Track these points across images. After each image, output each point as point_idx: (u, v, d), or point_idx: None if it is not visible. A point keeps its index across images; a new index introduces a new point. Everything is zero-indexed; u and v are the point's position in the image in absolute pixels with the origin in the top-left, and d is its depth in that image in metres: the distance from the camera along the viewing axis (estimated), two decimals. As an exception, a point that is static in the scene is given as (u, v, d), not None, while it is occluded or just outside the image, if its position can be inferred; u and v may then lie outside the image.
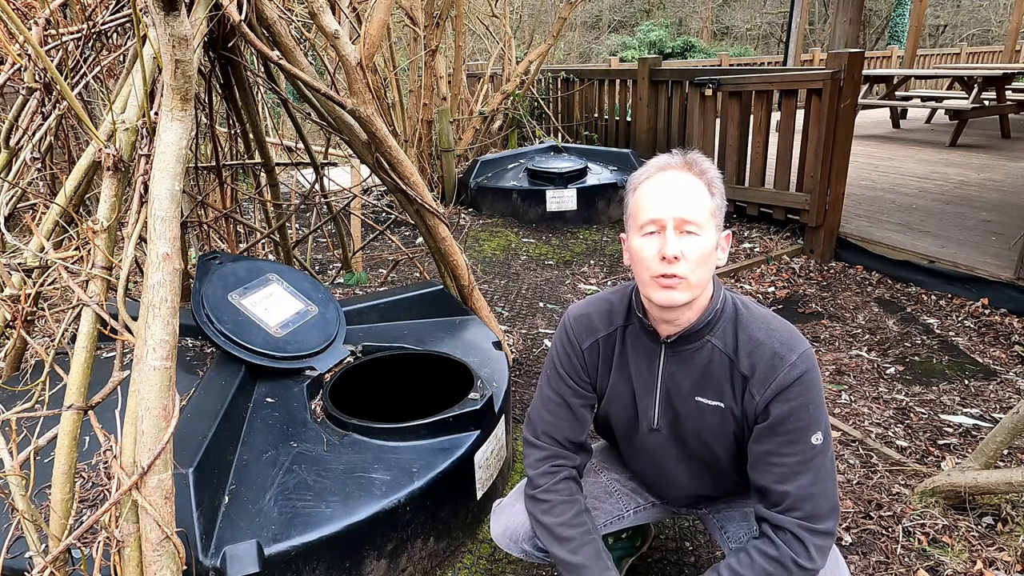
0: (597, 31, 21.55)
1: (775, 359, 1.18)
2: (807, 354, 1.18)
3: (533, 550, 1.47)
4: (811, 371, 1.17)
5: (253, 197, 3.43)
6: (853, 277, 3.96)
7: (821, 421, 1.17)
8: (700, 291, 1.19)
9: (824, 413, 1.19)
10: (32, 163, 1.82)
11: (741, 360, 1.21)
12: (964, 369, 2.88)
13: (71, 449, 1.34)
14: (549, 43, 6.59)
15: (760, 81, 4.35)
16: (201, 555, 1.41)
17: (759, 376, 1.19)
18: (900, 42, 14.57)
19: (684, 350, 1.26)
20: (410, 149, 5.97)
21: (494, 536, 1.54)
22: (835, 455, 2.30)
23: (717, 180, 1.20)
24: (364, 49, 2.21)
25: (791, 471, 1.17)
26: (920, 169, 5.87)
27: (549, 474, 1.37)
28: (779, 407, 1.17)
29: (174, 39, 1.35)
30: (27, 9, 2.07)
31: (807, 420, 1.16)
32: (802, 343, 1.20)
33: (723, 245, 1.21)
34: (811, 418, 1.16)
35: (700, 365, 1.25)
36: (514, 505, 1.49)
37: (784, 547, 1.15)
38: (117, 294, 1.45)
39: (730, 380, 1.23)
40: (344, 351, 2.18)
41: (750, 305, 1.28)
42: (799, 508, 1.15)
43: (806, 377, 1.16)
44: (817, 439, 1.16)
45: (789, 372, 1.16)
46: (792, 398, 1.16)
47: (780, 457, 1.18)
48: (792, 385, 1.16)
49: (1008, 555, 1.82)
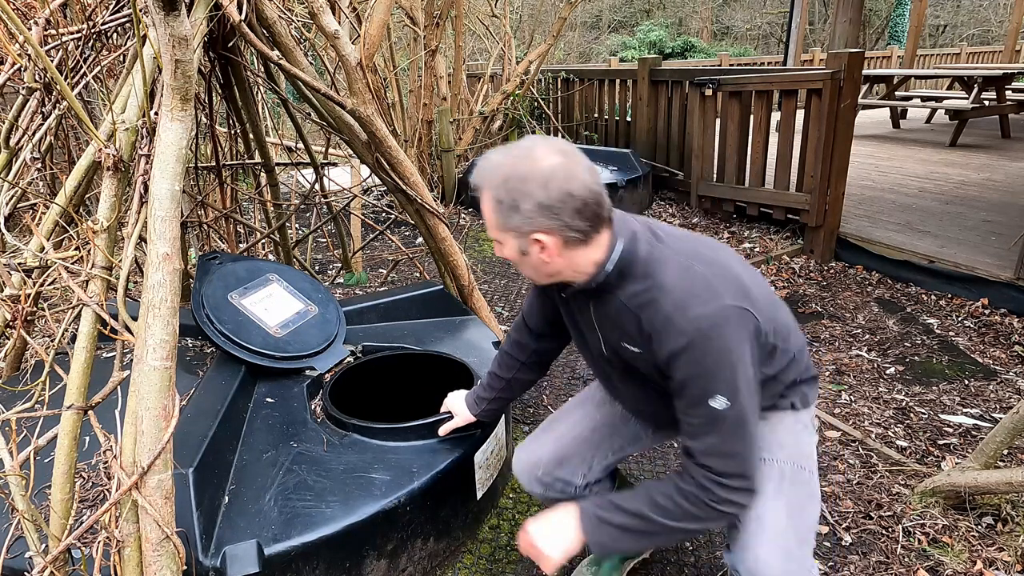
0: (597, 31, 21.55)
1: (667, 323, 1.14)
2: (702, 316, 1.11)
3: (552, 481, 1.57)
4: (702, 337, 1.10)
5: (253, 197, 3.43)
6: (853, 277, 3.96)
7: (722, 384, 1.11)
8: (552, 278, 1.22)
9: (730, 374, 1.11)
10: (32, 163, 1.82)
11: (643, 319, 1.18)
12: (964, 369, 2.88)
13: (71, 449, 1.34)
14: (549, 43, 6.59)
15: (760, 81, 4.35)
16: (201, 555, 1.41)
17: (656, 338, 1.17)
18: (900, 42, 14.57)
19: (599, 301, 1.26)
20: (410, 149, 5.97)
21: (515, 471, 1.63)
22: (835, 455, 2.31)
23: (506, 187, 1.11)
24: (364, 49, 2.21)
25: (697, 430, 1.16)
26: (920, 169, 5.87)
27: (506, 346, 1.66)
28: (676, 372, 1.15)
29: (174, 39, 1.35)
30: (27, 9, 2.07)
31: (703, 386, 1.12)
32: (702, 303, 1.12)
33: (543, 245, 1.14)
34: (707, 383, 1.12)
35: (614, 316, 1.25)
36: (538, 438, 1.62)
37: (694, 490, 1.17)
38: (117, 294, 1.45)
39: (640, 333, 1.21)
40: (344, 351, 2.18)
41: (669, 255, 1.19)
42: (707, 464, 1.16)
43: (696, 344, 1.10)
44: (717, 403, 1.12)
45: (678, 339, 1.12)
46: (683, 365, 1.13)
47: (687, 416, 1.18)
48: (682, 352, 1.12)
49: (1008, 555, 1.82)
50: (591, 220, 1.13)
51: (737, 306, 1.13)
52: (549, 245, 1.14)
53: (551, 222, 1.11)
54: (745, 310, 1.14)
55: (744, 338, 1.13)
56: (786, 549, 1.25)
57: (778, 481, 1.30)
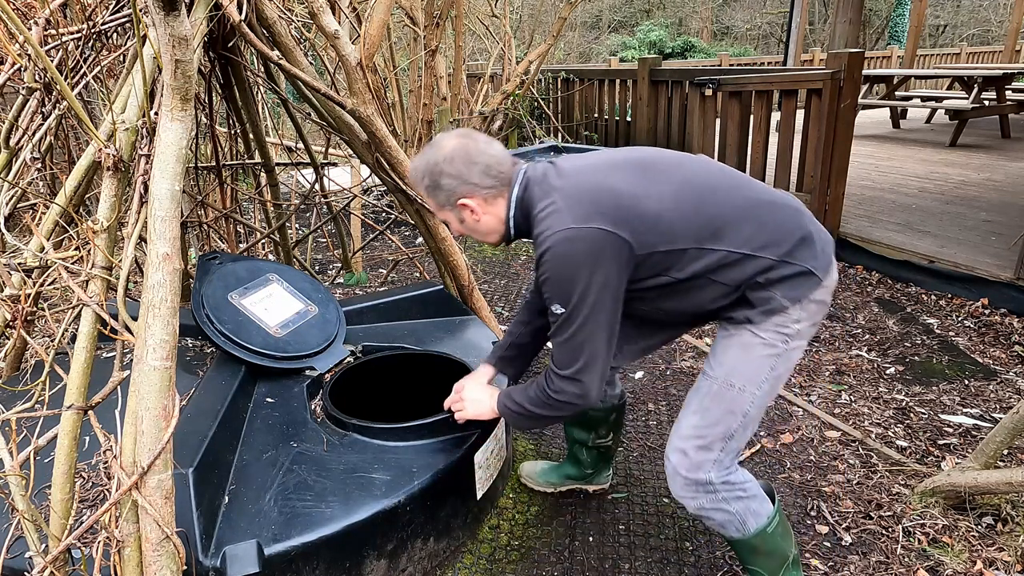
0: (597, 31, 21.54)
1: (536, 246, 1.38)
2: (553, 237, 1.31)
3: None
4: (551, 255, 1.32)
5: (253, 197, 3.43)
6: (853, 277, 3.96)
7: (563, 296, 1.33)
8: (494, 234, 1.50)
9: (571, 288, 1.32)
10: (32, 163, 1.82)
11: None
12: (964, 369, 2.88)
13: (71, 449, 1.34)
14: (549, 43, 6.59)
15: (760, 81, 4.35)
16: (201, 555, 1.41)
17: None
18: (900, 42, 14.57)
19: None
20: (410, 149, 5.97)
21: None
22: (835, 455, 2.31)
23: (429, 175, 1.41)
24: (364, 49, 2.21)
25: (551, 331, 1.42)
26: (920, 169, 5.87)
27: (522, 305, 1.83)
28: (537, 281, 1.40)
29: (174, 39, 1.35)
30: (27, 9, 2.07)
31: (547, 295, 1.37)
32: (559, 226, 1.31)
33: (470, 208, 1.43)
34: (551, 293, 1.35)
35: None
36: None
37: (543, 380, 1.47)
38: (117, 294, 1.45)
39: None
40: (344, 351, 2.18)
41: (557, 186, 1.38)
42: (552, 359, 1.43)
43: (545, 260, 1.33)
44: (557, 309, 1.36)
45: (538, 256, 1.36)
46: (539, 276, 1.37)
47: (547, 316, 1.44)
48: (538, 266, 1.37)
49: (1008, 555, 1.82)
50: (496, 177, 1.41)
51: (596, 228, 1.30)
52: (473, 206, 1.43)
53: (466, 187, 1.40)
54: (605, 232, 1.30)
55: (599, 257, 1.31)
56: (682, 450, 1.48)
57: (703, 395, 1.48)
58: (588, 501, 2.13)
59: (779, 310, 1.39)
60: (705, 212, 1.37)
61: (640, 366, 3.01)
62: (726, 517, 1.49)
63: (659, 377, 2.91)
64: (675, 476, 1.50)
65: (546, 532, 2.00)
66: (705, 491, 1.47)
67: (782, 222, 1.40)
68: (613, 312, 1.36)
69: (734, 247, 1.36)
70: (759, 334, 1.41)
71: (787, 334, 1.41)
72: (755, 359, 1.42)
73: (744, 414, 1.44)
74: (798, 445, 2.40)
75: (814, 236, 1.42)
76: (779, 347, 1.42)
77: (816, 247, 1.41)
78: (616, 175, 1.38)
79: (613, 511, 2.09)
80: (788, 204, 1.45)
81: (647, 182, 1.37)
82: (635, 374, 2.95)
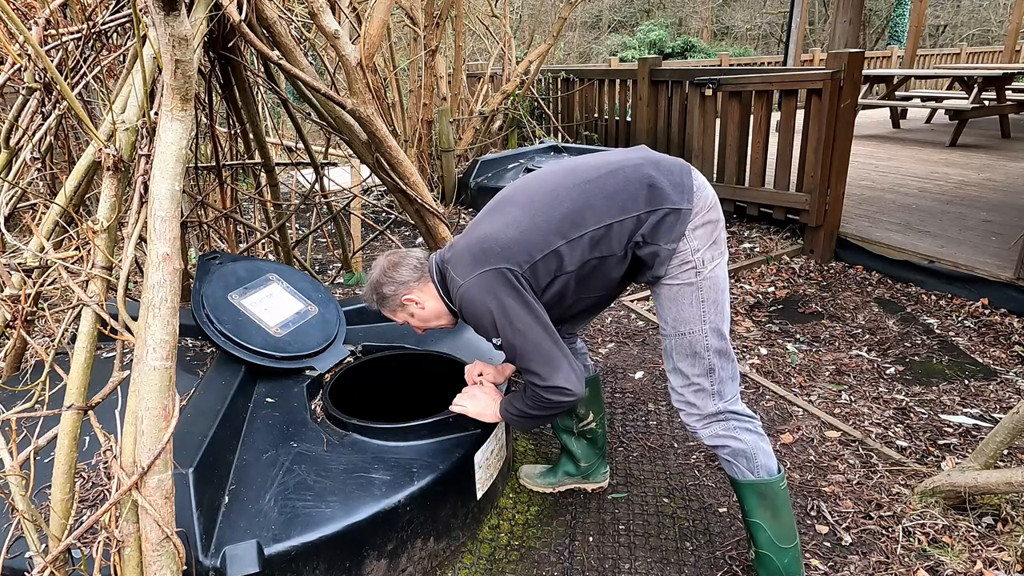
0: (597, 31, 21.54)
1: (455, 299, 1.61)
2: (461, 291, 1.55)
3: None
4: (463, 301, 1.55)
5: (253, 197, 3.43)
6: (853, 277, 3.96)
7: (490, 328, 1.54)
8: (446, 316, 1.72)
9: (490, 320, 1.52)
10: (32, 163, 1.82)
11: None
12: (964, 369, 2.88)
13: (71, 449, 1.34)
14: (549, 43, 6.59)
15: (760, 81, 4.35)
16: (201, 555, 1.41)
17: None
18: (900, 42, 14.57)
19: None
20: (410, 149, 5.97)
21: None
22: (835, 455, 2.31)
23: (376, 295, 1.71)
24: (364, 49, 2.21)
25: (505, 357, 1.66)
26: (920, 169, 5.87)
27: None
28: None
29: (174, 39, 1.35)
30: (27, 9, 2.07)
31: (481, 331, 1.58)
32: (457, 285, 1.56)
33: (413, 300, 1.69)
34: (484, 331, 1.57)
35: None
36: None
37: (528, 390, 1.63)
38: (117, 294, 1.45)
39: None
40: (344, 351, 2.18)
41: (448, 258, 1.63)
42: (525, 373, 1.59)
43: (463, 305, 1.57)
44: (496, 341, 1.56)
45: (457, 306, 1.61)
46: (470, 325, 1.62)
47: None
48: (461, 314, 1.62)
49: (1008, 555, 1.82)
50: (417, 269, 1.69)
51: (480, 273, 1.52)
52: (415, 298, 1.68)
53: (402, 287, 1.68)
54: (488, 272, 1.52)
55: (495, 291, 1.51)
56: (684, 402, 1.67)
57: (669, 352, 1.66)
58: (588, 501, 2.13)
59: (671, 254, 1.54)
60: (557, 212, 1.54)
61: (640, 366, 3.01)
62: (739, 446, 1.61)
63: (659, 377, 2.91)
64: (690, 421, 1.67)
65: (546, 532, 2.00)
66: (716, 420, 1.63)
67: (625, 183, 1.54)
68: (538, 318, 1.54)
69: (594, 225, 1.53)
70: (672, 283, 1.57)
71: (693, 267, 1.55)
72: (684, 303, 1.58)
73: (707, 348, 1.59)
74: (798, 445, 2.40)
75: (657, 181, 1.54)
76: (695, 280, 1.56)
77: (665, 187, 1.54)
78: (483, 224, 1.61)
79: (613, 511, 2.09)
80: (627, 163, 1.58)
81: (501, 216, 1.59)
82: (635, 374, 2.95)
